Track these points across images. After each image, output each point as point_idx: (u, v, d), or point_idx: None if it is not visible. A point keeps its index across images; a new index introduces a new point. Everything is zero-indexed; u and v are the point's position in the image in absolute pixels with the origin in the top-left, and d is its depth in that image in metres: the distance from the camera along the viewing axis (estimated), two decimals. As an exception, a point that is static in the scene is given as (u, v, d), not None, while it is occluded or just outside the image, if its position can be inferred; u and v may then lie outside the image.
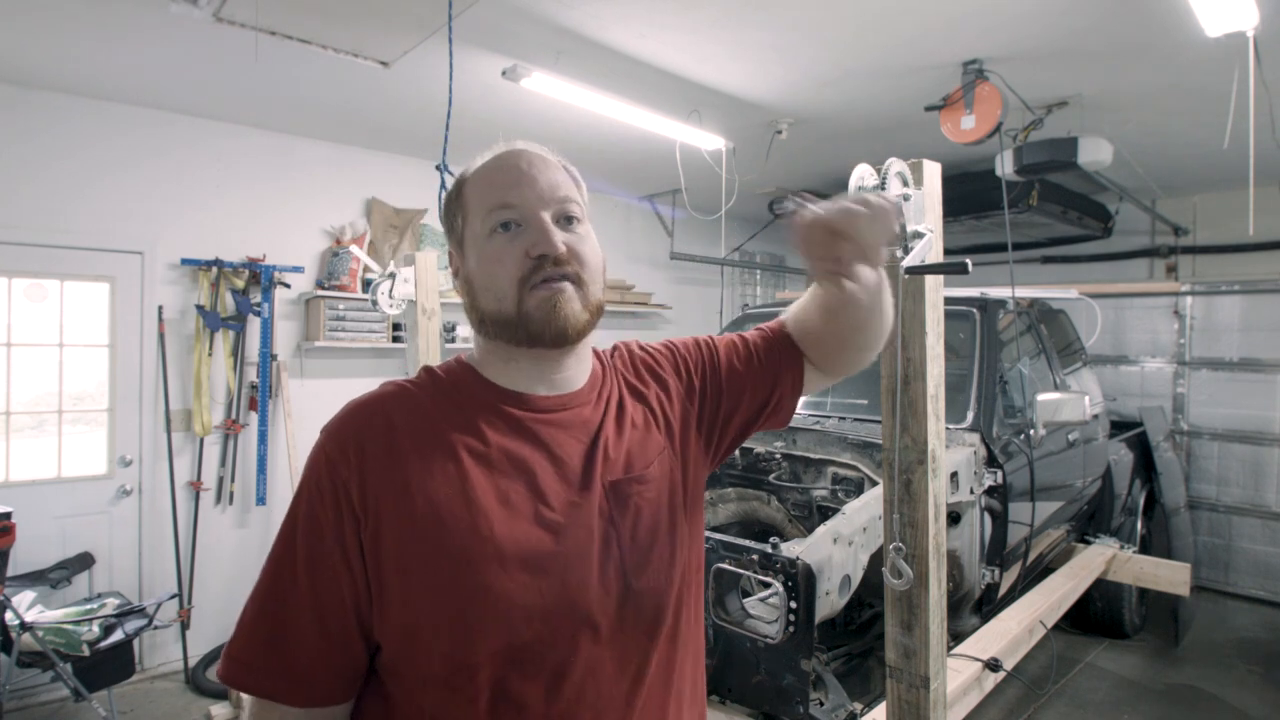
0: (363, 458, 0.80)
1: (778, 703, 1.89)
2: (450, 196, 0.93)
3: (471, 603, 0.77)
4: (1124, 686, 3.50)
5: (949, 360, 1.97)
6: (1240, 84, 2.84)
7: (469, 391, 0.89)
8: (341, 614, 0.79)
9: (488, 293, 0.85)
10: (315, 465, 0.82)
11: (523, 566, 0.79)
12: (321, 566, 0.79)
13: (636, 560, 0.87)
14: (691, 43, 2.88)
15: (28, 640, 2.71)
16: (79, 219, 3.44)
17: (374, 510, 0.78)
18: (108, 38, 2.79)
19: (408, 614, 0.78)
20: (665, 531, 0.91)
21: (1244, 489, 4.64)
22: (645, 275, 5.96)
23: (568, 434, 0.89)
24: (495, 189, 0.86)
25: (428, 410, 0.86)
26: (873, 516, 2.09)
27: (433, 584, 0.77)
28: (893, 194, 1.26)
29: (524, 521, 0.82)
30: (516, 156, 0.89)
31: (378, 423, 0.83)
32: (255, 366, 3.89)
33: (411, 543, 0.78)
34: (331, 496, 0.79)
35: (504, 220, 0.85)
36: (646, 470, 0.93)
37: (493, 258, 0.85)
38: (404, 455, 0.81)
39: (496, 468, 0.83)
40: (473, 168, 0.92)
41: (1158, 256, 5.90)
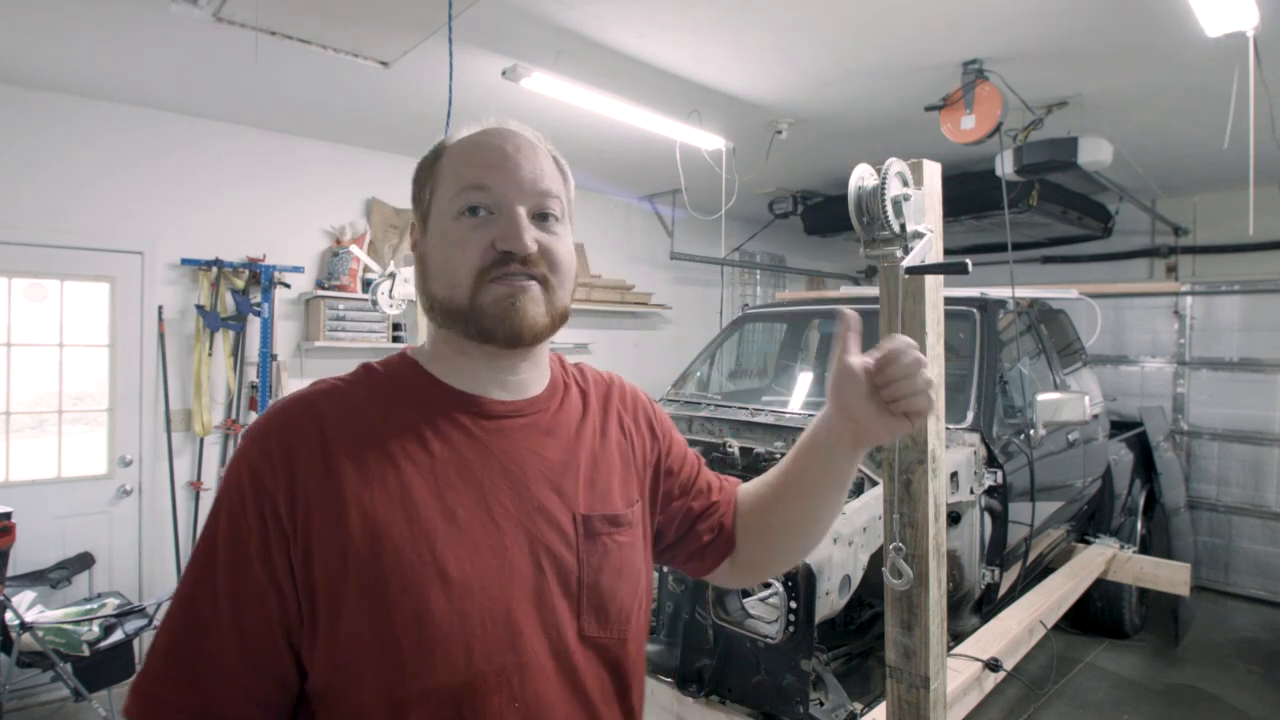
0: (291, 467, 0.71)
1: (778, 703, 1.89)
2: (424, 163, 0.84)
3: (408, 632, 0.69)
4: (1124, 686, 3.50)
5: (949, 360, 1.97)
6: (1240, 84, 2.84)
7: (413, 392, 0.80)
8: (270, 641, 0.70)
9: (440, 276, 0.78)
10: (237, 475, 0.72)
11: (468, 593, 0.71)
12: (247, 589, 0.69)
13: (595, 605, 0.79)
14: (691, 42, 2.88)
15: (28, 640, 2.71)
16: (79, 219, 3.44)
17: (304, 526, 0.70)
18: (108, 38, 2.79)
19: (338, 643, 0.69)
20: (630, 585, 0.83)
21: (1244, 489, 4.63)
22: (645, 275, 5.96)
23: (526, 445, 0.80)
24: (472, 167, 0.78)
25: (365, 412, 0.76)
26: (873, 516, 2.09)
27: (366, 610, 0.69)
28: (892, 194, 1.25)
29: (471, 542, 0.73)
30: (503, 136, 0.81)
31: (308, 427, 0.73)
32: (255, 366, 3.89)
33: (344, 563, 0.69)
34: (256, 511, 0.70)
35: (474, 204, 0.77)
36: (624, 513, 0.85)
37: (454, 241, 0.77)
38: (338, 464, 0.72)
39: (442, 479, 0.75)
40: (455, 137, 0.83)
41: (1158, 256, 5.90)
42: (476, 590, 0.72)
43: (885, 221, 1.25)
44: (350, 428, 0.75)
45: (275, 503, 0.70)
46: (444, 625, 0.70)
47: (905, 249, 1.30)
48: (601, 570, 0.80)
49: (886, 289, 1.44)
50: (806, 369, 3.93)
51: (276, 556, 0.70)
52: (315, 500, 0.70)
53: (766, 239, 6.45)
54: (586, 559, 0.79)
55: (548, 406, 0.85)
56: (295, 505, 0.70)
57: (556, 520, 0.79)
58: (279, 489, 0.70)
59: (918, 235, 1.30)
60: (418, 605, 0.69)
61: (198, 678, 0.69)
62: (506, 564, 0.74)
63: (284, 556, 0.70)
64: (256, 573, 0.70)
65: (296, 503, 0.70)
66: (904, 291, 1.42)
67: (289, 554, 0.70)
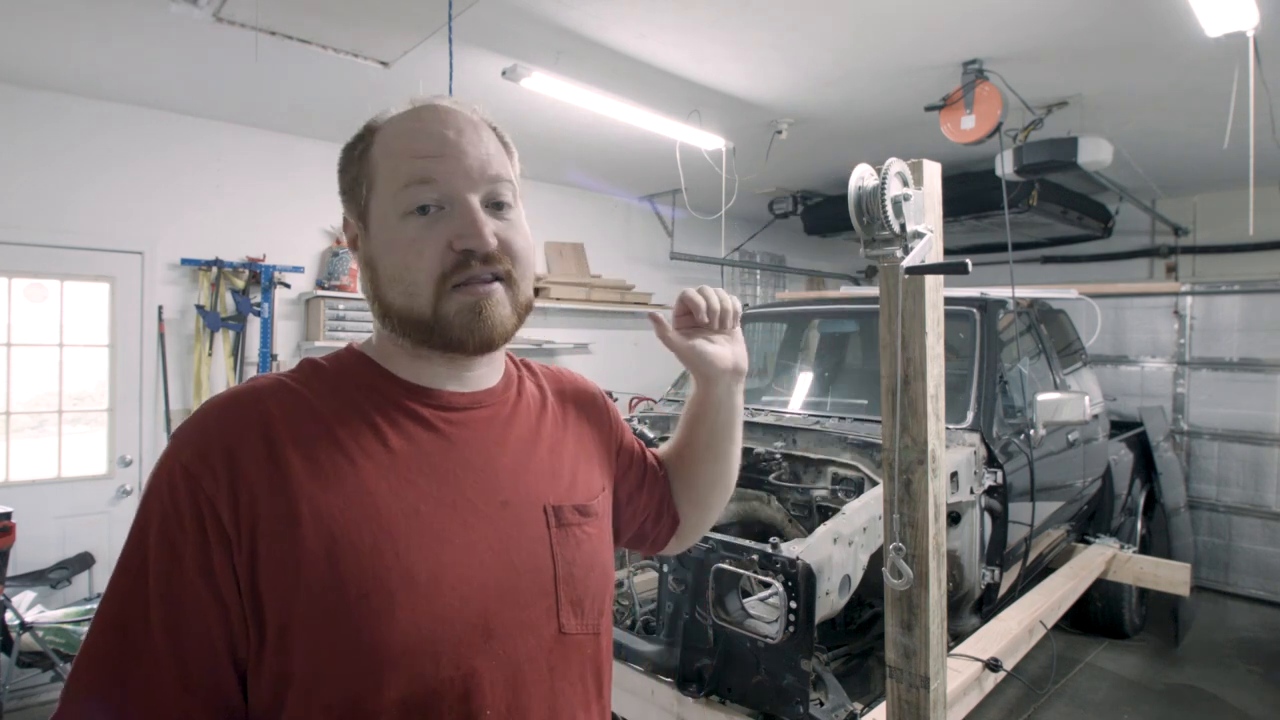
0: (233, 467, 0.64)
1: (778, 703, 1.89)
2: (352, 151, 0.76)
3: (371, 641, 0.64)
4: (1124, 686, 3.50)
5: (949, 360, 1.97)
6: (1240, 84, 2.84)
7: (367, 386, 0.74)
8: (212, 662, 0.63)
9: (396, 284, 0.71)
10: (168, 480, 0.64)
11: (436, 595, 0.67)
12: (184, 605, 0.62)
13: (571, 599, 0.76)
14: (691, 42, 2.88)
15: (28, 640, 2.71)
16: (79, 219, 3.44)
17: (249, 531, 0.63)
18: (108, 38, 2.79)
19: (289, 657, 0.63)
20: (600, 576, 0.81)
21: (1244, 489, 4.63)
22: (645, 275, 5.96)
23: (489, 437, 0.77)
24: (414, 159, 0.71)
25: (314, 408, 0.70)
26: (873, 516, 2.09)
27: (323, 619, 0.63)
28: (892, 194, 1.25)
29: (437, 540, 0.69)
30: (442, 118, 0.73)
31: (250, 424, 0.67)
32: (255, 366, 3.89)
33: (297, 569, 0.63)
34: (193, 517, 0.63)
35: (422, 202, 0.70)
36: (592, 503, 0.83)
37: (406, 246, 0.70)
38: (286, 462, 0.66)
39: (403, 476, 0.70)
40: (384, 118, 0.75)
41: (1158, 256, 5.90)
42: (446, 591, 0.67)
43: (885, 221, 1.25)
44: (299, 424, 0.68)
45: (215, 507, 0.63)
46: (411, 631, 0.65)
47: (905, 249, 1.30)
48: (575, 563, 0.77)
49: (886, 289, 1.45)
50: (806, 369, 3.93)
51: (218, 566, 0.63)
52: (262, 502, 0.64)
53: (766, 239, 6.45)
54: (560, 552, 0.76)
55: (506, 398, 0.82)
56: (239, 509, 0.63)
57: (527, 514, 0.76)
58: (219, 491, 0.63)
59: (918, 235, 1.30)
60: (381, 611, 0.64)
61: (129, 704, 0.61)
62: (476, 562, 0.70)
63: (227, 566, 0.63)
64: (195, 585, 0.63)
65: (240, 506, 0.64)
66: (904, 291, 1.42)
67: (232, 562, 0.63)
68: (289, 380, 0.73)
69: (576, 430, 0.88)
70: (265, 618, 0.64)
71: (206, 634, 0.63)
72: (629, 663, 2.18)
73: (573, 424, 0.88)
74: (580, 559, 0.78)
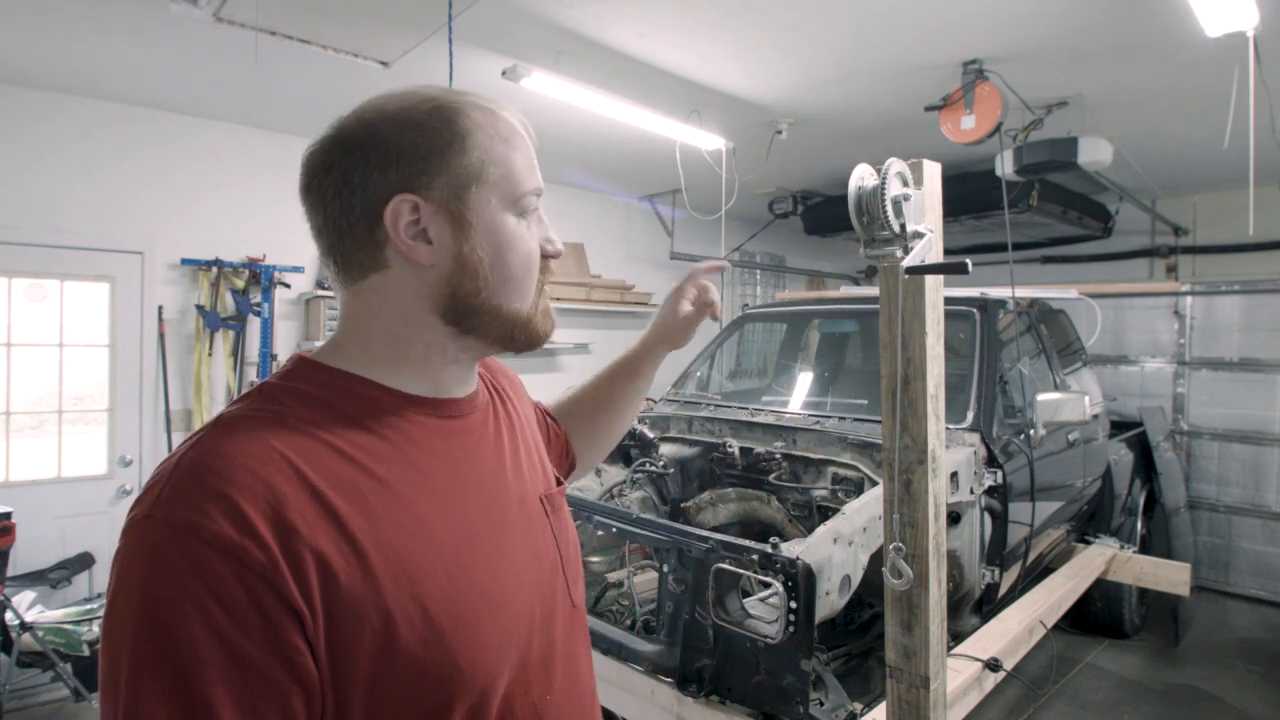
0: (284, 531, 0.55)
1: (778, 703, 1.89)
2: (436, 129, 0.67)
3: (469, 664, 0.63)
4: (1124, 686, 3.50)
5: (949, 360, 1.97)
6: (1240, 84, 2.84)
7: (362, 403, 0.67)
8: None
9: (513, 286, 0.70)
10: (190, 565, 0.52)
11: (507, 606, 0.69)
12: (263, 705, 0.52)
13: (572, 575, 0.82)
14: (691, 42, 2.88)
15: (28, 640, 2.71)
16: (79, 219, 3.44)
17: (320, 596, 0.55)
18: (108, 38, 2.79)
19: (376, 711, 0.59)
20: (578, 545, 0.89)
21: (1244, 489, 4.63)
22: (645, 275, 5.96)
23: (488, 440, 0.77)
24: (530, 168, 0.72)
25: (336, 445, 0.62)
26: (873, 516, 2.09)
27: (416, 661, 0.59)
28: (892, 194, 1.25)
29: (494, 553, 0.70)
30: (526, 124, 0.75)
31: (286, 478, 0.57)
32: (255, 366, 3.89)
33: (378, 622, 0.57)
34: (248, 597, 0.52)
35: (534, 208, 0.73)
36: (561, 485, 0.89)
37: (528, 250, 0.72)
38: (333, 506, 0.58)
39: (441, 495, 0.67)
40: (469, 107, 0.70)
41: (1158, 256, 5.90)
42: (512, 600, 0.70)
43: (885, 221, 1.25)
44: (333, 467, 0.61)
45: (273, 584, 0.53)
46: (495, 644, 0.66)
47: (905, 249, 1.30)
48: (569, 542, 0.84)
49: (886, 289, 1.45)
50: (806, 369, 3.93)
51: (291, 646, 0.54)
52: (332, 564, 0.56)
53: (766, 239, 6.45)
54: (559, 535, 0.82)
55: (486, 398, 0.83)
56: (305, 576, 0.55)
57: (534, 507, 0.80)
58: (274, 561, 0.53)
59: (918, 235, 1.30)
60: (473, 633, 0.63)
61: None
62: (520, 564, 0.73)
63: (302, 642, 0.54)
64: (275, 677, 0.53)
65: (304, 571, 0.55)
66: (904, 291, 1.42)
67: (306, 637, 0.55)
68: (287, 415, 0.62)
69: (525, 415, 0.92)
70: (350, 682, 0.57)
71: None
72: (629, 663, 2.17)
73: (522, 411, 0.91)
74: (569, 535, 0.85)
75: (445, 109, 0.69)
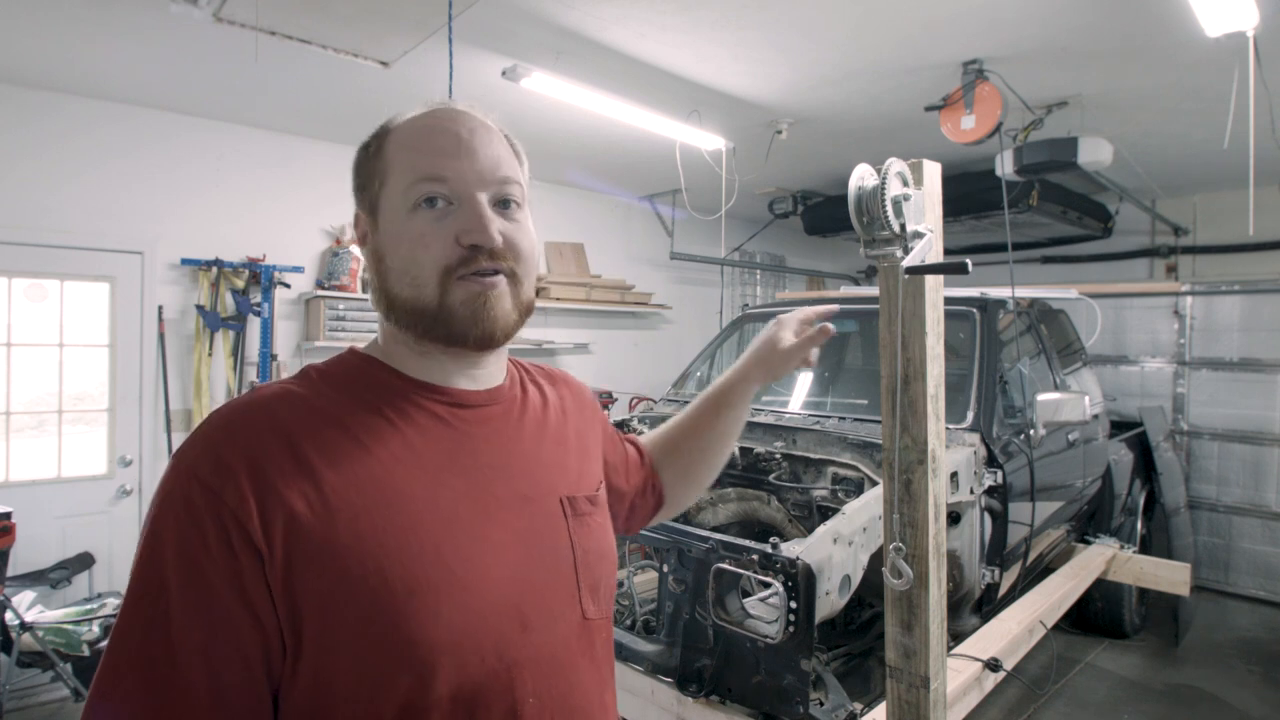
0: (258, 479, 0.63)
1: (778, 703, 1.89)
2: (368, 148, 0.78)
3: (419, 638, 0.64)
4: (1124, 686, 3.50)
5: (949, 360, 1.97)
6: (1240, 84, 2.84)
7: (378, 387, 0.74)
8: (249, 683, 0.62)
9: (403, 276, 0.72)
10: (184, 500, 0.62)
11: (477, 591, 0.68)
12: (217, 627, 0.60)
13: (590, 586, 0.80)
14: (691, 43, 2.88)
15: (28, 640, 2.71)
16: (79, 219, 3.44)
17: (283, 541, 0.62)
18: (108, 38, 2.79)
19: (328, 661, 0.63)
20: (609, 564, 0.85)
21: (1244, 489, 4.63)
22: (645, 275, 5.96)
23: (504, 433, 0.79)
24: (426, 155, 0.73)
25: (335, 416, 0.70)
26: (873, 516, 2.09)
27: (369, 621, 0.63)
28: (892, 194, 1.25)
29: (473, 538, 0.70)
30: (456, 119, 0.75)
31: (268, 435, 0.65)
32: (255, 366, 3.89)
33: (338, 575, 0.63)
34: (217, 533, 0.61)
35: (431, 194, 0.72)
36: (597, 493, 0.87)
37: (414, 238, 0.72)
38: (312, 467, 0.65)
39: (432, 475, 0.70)
40: (400, 119, 0.77)
41: (1158, 256, 5.90)
42: (487, 587, 0.69)
43: (885, 221, 1.25)
44: (318, 429, 0.68)
45: (240, 520, 0.61)
46: (456, 626, 0.66)
47: (905, 249, 1.30)
48: (590, 550, 0.81)
49: (886, 289, 1.45)
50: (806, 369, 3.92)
51: (250, 582, 0.61)
52: (297, 512, 0.63)
53: (766, 239, 6.45)
54: (578, 542, 0.79)
55: (514, 395, 0.84)
56: (269, 520, 0.62)
57: (547, 506, 0.78)
58: (242, 504, 0.62)
59: (918, 235, 1.30)
60: (428, 608, 0.65)
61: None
62: (508, 557, 0.72)
63: (260, 581, 0.62)
64: (228, 605, 0.61)
65: (269, 517, 0.62)
66: (904, 291, 1.42)
67: (265, 577, 0.62)
68: (294, 386, 0.72)
69: (575, 425, 0.91)
70: (303, 626, 0.63)
71: (243, 657, 0.62)
72: (629, 663, 2.18)
73: (571, 419, 0.91)
74: (594, 546, 0.82)
75: (381, 128, 0.78)
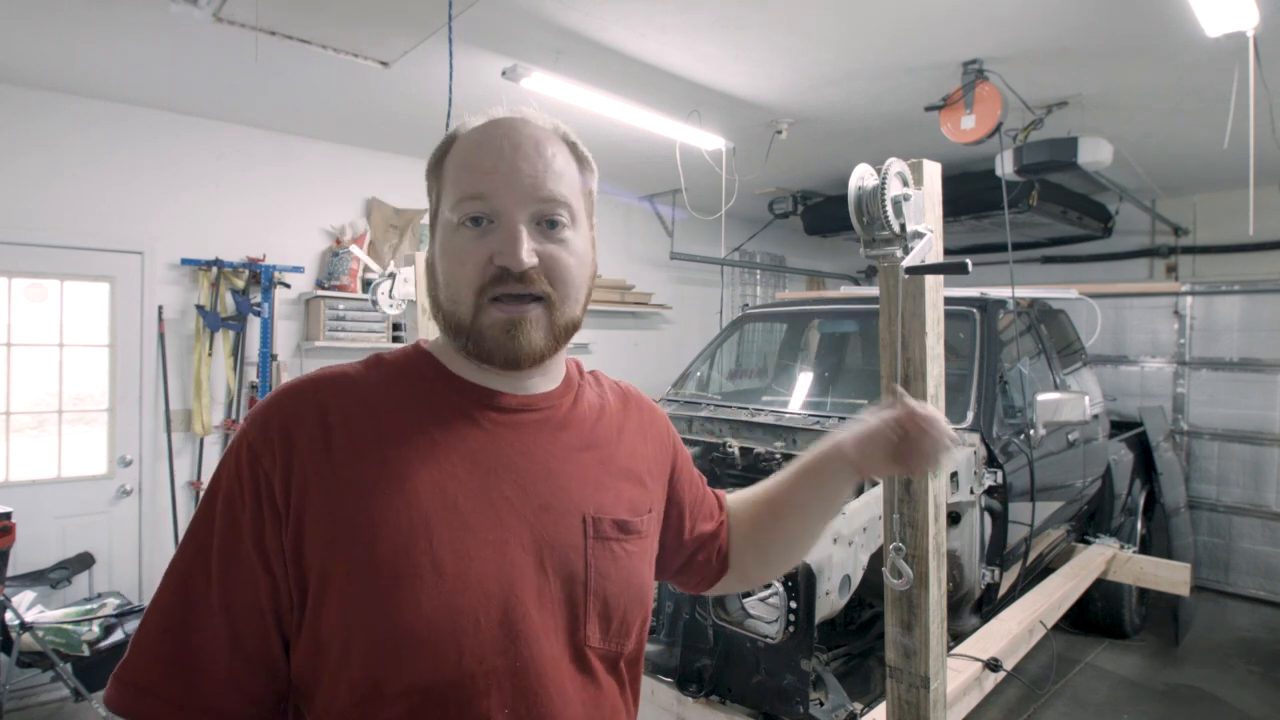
0: (289, 448, 0.69)
1: (778, 703, 1.89)
2: (435, 158, 0.79)
3: (396, 624, 0.66)
4: (1124, 686, 3.50)
5: (949, 360, 1.97)
6: (1240, 84, 2.84)
7: (423, 381, 0.78)
8: (260, 628, 0.68)
9: (445, 290, 0.76)
10: (236, 455, 0.71)
11: (463, 589, 0.68)
12: (237, 571, 0.68)
13: (600, 613, 0.76)
14: (691, 43, 2.88)
15: (28, 640, 2.71)
16: (79, 219, 3.44)
17: (297, 507, 0.68)
18: (108, 38, 2.79)
19: (320, 630, 0.68)
20: (635, 597, 0.80)
21: (1244, 489, 4.63)
22: (645, 275, 5.96)
23: (536, 440, 0.78)
24: (472, 172, 0.74)
25: (369, 399, 0.75)
26: (873, 516, 2.09)
27: (354, 597, 0.67)
28: (892, 194, 1.25)
29: (469, 533, 0.70)
30: (504, 133, 0.75)
31: (308, 409, 0.72)
32: (255, 366, 3.89)
33: (335, 547, 0.67)
34: (253, 490, 0.69)
35: (475, 213, 0.73)
36: (635, 520, 0.81)
37: (456, 254, 0.74)
38: (337, 447, 0.70)
39: (445, 468, 0.72)
40: (464, 128, 0.78)
41: (1158, 256, 5.90)
42: (473, 586, 0.69)
43: (885, 221, 1.25)
44: (354, 412, 0.73)
45: (270, 482, 0.69)
46: (434, 619, 0.67)
47: (905, 249, 1.29)
48: (608, 577, 0.77)
49: (886, 289, 1.44)
50: (806, 369, 3.93)
51: (269, 538, 0.68)
52: (312, 482, 0.69)
53: (766, 239, 6.45)
54: (594, 563, 0.76)
55: (561, 403, 0.82)
56: (290, 486, 0.68)
57: (565, 519, 0.75)
58: (275, 469, 0.69)
59: (918, 235, 1.30)
60: (409, 595, 0.67)
61: (185, 663, 0.67)
62: (507, 561, 0.71)
63: (276, 538, 0.68)
64: (248, 554, 0.68)
65: (292, 483, 0.68)
66: (904, 291, 1.42)
67: (280, 536, 0.68)
68: (352, 371, 0.78)
69: (631, 446, 0.87)
70: (308, 588, 0.68)
71: (255, 602, 0.68)
72: (629, 663, 2.17)
73: (629, 440, 0.87)
74: (615, 573, 0.77)
75: (449, 138, 0.79)
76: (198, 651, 0.67)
